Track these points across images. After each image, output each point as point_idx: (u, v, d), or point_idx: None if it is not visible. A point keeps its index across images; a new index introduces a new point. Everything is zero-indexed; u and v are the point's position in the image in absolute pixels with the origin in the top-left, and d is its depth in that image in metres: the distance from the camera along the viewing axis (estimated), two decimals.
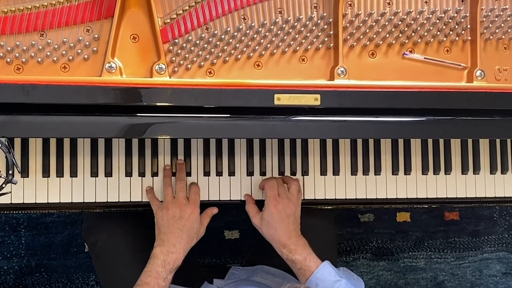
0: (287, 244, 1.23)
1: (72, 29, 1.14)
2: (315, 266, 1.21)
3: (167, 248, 1.20)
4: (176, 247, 1.20)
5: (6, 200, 1.23)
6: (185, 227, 1.22)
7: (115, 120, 1.13)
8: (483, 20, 1.26)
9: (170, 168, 1.29)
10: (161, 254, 1.19)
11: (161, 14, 1.16)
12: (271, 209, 1.25)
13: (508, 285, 2.21)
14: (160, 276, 1.17)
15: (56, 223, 1.95)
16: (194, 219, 1.24)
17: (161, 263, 1.18)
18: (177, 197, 1.25)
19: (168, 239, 1.21)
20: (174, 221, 1.22)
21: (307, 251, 1.23)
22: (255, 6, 1.19)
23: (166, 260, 1.19)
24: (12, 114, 1.10)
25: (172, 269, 1.19)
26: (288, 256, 1.23)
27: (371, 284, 2.12)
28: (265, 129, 1.18)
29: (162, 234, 1.22)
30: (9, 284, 1.93)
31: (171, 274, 1.20)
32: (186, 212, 1.23)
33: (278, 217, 1.24)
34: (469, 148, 1.41)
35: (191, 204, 1.25)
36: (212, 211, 1.31)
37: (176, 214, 1.23)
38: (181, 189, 1.26)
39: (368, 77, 1.22)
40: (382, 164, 1.37)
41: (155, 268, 1.17)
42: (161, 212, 1.24)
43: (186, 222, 1.23)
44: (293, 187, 1.29)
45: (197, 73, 1.18)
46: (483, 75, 1.25)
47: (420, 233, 2.15)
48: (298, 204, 1.28)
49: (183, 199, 1.25)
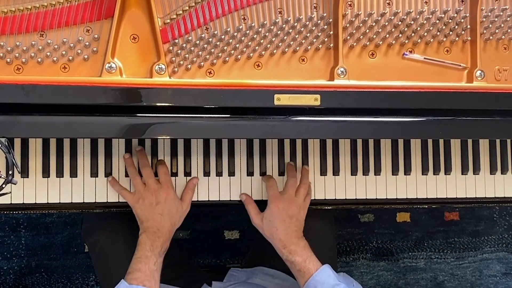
0: (287, 245, 1.23)
1: (72, 29, 1.14)
2: (314, 268, 1.20)
3: (153, 234, 1.20)
4: (161, 231, 1.21)
5: (6, 200, 1.23)
6: (164, 210, 1.22)
7: (115, 120, 1.13)
8: (483, 20, 1.26)
9: (130, 156, 1.28)
10: (148, 239, 1.19)
11: (161, 14, 1.16)
12: (273, 207, 1.25)
13: (508, 285, 2.21)
14: (150, 260, 1.17)
15: (56, 223, 1.95)
16: (171, 199, 1.24)
17: (149, 248, 1.18)
18: (147, 184, 1.24)
19: (152, 225, 1.21)
20: (152, 209, 1.22)
21: (308, 253, 1.23)
22: (255, 6, 1.19)
23: (153, 245, 1.19)
24: (12, 114, 1.10)
25: (161, 252, 1.20)
26: (288, 257, 1.23)
27: (371, 284, 2.12)
28: (265, 129, 1.18)
29: (145, 222, 1.22)
30: (9, 284, 1.93)
31: (160, 258, 1.20)
32: (161, 195, 1.23)
33: (279, 216, 1.24)
34: (469, 148, 1.41)
35: (163, 186, 1.24)
36: (192, 182, 1.29)
37: (153, 201, 1.22)
38: (149, 175, 1.25)
39: (368, 77, 1.22)
40: (382, 164, 1.37)
41: (144, 253, 1.18)
42: (137, 204, 1.23)
43: (164, 205, 1.22)
44: (302, 190, 1.28)
45: (197, 73, 1.18)
46: (483, 75, 1.25)
47: (420, 233, 2.15)
48: (303, 207, 1.28)
49: (154, 184, 1.24)
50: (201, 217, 2.01)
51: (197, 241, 2.01)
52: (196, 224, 2.00)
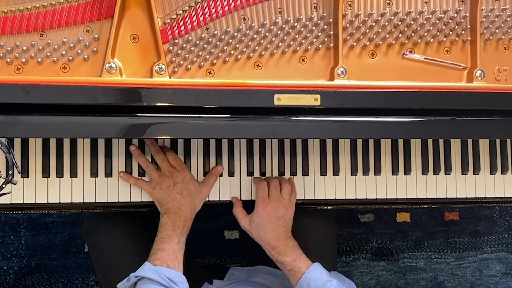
0: (276, 246, 1.23)
1: (72, 29, 1.14)
2: (305, 267, 1.21)
3: (174, 214, 1.21)
4: (182, 210, 1.21)
5: (6, 200, 1.23)
6: (183, 190, 1.23)
7: (115, 120, 1.13)
8: (483, 20, 1.26)
9: (136, 147, 1.28)
10: (169, 219, 1.20)
11: (161, 14, 1.16)
12: (260, 210, 1.25)
13: (508, 285, 2.21)
14: (173, 240, 1.17)
15: (56, 223, 1.95)
16: (189, 179, 1.25)
17: (170, 228, 1.19)
18: (162, 168, 1.25)
19: (172, 206, 1.22)
20: (171, 190, 1.23)
21: (297, 253, 1.23)
22: (255, 6, 1.19)
23: (175, 224, 1.19)
24: (12, 114, 1.10)
25: (183, 232, 1.20)
26: (278, 258, 1.23)
27: (371, 284, 2.12)
28: (265, 130, 1.18)
29: (165, 204, 1.23)
30: (9, 284, 1.93)
31: (183, 237, 1.20)
32: (178, 177, 1.24)
33: (267, 219, 1.24)
34: (469, 148, 1.41)
35: (178, 169, 1.25)
36: (217, 169, 1.30)
37: (170, 183, 1.23)
38: (162, 160, 1.26)
39: (368, 77, 1.22)
40: (382, 164, 1.37)
41: (167, 233, 1.18)
42: (155, 190, 1.24)
43: (182, 185, 1.23)
44: (285, 189, 1.28)
45: (197, 73, 1.18)
46: (483, 75, 1.25)
47: (420, 233, 2.15)
48: (289, 207, 1.28)
49: (169, 167, 1.25)
50: (201, 217, 2.00)
51: (197, 241, 2.01)
52: (196, 224, 2.00)
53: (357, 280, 2.10)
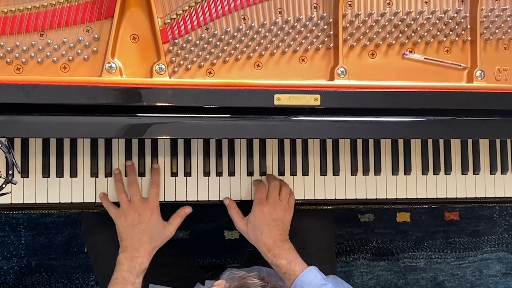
0: (272, 248, 1.23)
1: (72, 29, 1.14)
2: (300, 270, 1.20)
3: (131, 254, 1.20)
4: (140, 251, 1.20)
5: (6, 200, 1.23)
6: (146, 230, 1.21)
7: (115, 120, 1.13)
8: (483, 20, 1.26)
9: (119, 172, 1.27)
10: (126, 260, 1.19)
11: (161, 14, 1.16)
12: (257, 211, 1.24)
13: (508, 285, 2.21)
14: (128, 281, 1.17)
15: (56, 223, 1.95)
16: (155, 221, 1.23)
17: (126, 269, 1.18)
18: (132, 201, 1.23)
19: (131, 245, 1.21)
20: (134, 227, 1.21)
21: (293, 256, 1.23)
22: (255, 6, 1.19)
23: (131, 265, 1.19)
24: (12, 114, 1.10)
25: (139, 273, 1.19)
26: (273, 261, 1.23)
27: (371, 284, 2.11)
28: (265, 129, 1.18)
29: (124, 240, 1.22)
30: (9, 284, 1.93)
31: (138, 278, 1.19)
32: (145, 215, 1.22)
33: (263, 220, 1.24)
34: (469, 148, 1.41)
35: (149, 206, 1.23)
36: (184, 211, 1.29)
37: (135, 219, 1.22)
38: (135, 192, 1.24)
39: (368, 77, 1.22)
40: (382, 164, 1.37)
41: (122, 274, 1.18)
42: (119, 219, 1.23)
43: (147, 226, 1.22)
44: (284, 192, 1.28)
45: (197, 73, 1.18)
46: (483, 75, 1.25)
47: (420, 233, 2.15)
48: (287, 209, 1.27)
49: (139, 202, 1.23)
50: (201, 217, 2.01)
51: (197, 241, 2.00)
52: (196, 224, 2.00)
53: (357, 280, 2.10)
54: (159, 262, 1.26)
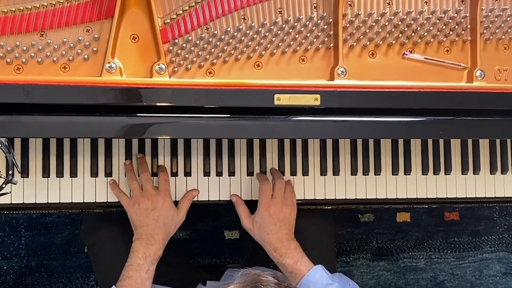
0: (278, 248, 1.23)
1: (72, 29, 1.14)
2: (306, 269, 1.20)
3: (146, 241, 1.19)
4: (155, 238, 1.20)
5: (6, 200, 1.23)
6: (160, 217, 1.21)
7: (115, 120, 1.13)
8: (483, 20, 1.26)
9: (130, 163, 1.28)
10: (141, 246, 1.19)
11: (161, 14, 1.16)
12: (263, 212, 1.24)
13: (508, 285, 2.21)
14: (142, 269, 1.17)
15: (56, 223, 1.95)
16: (168, 207, 1.23)
17: (141, 256, 1.18)
18: (145, 189, 1.24)
19: (146, 232, 1.20)
20: (148, 214, 1.21)
21: (299, 255, 1.22)
22: (255, 6, 1.19)
23: (146, 252, 1.18)
24: (12, 114, 1.10)
25: (153, 260, 1.19)
26: (279, 260, 1.23)
27: (371, 284, 2.11)
28: (265, 129, 1.18)
29: (139, 228, 1.22)
30: (9, 284, 1.93)
31: (153, 266, 1.19)
32: (158, 202, 1.22)
33: (270, 221, 1.24)
34: (469, 148, 1.41)
35: (161, 193, 1.24)
36: (191, 194, 1.29)
37: (148, 206, 1.22)
38: (147, 180, 1.25)
39: (368, 77, 1.22)
40: (382, 164, 1.37)
41: (136, 261, 1.17)
42: (132, 208, 1.23)
43: (160, 212, 1.22)
44: (289, 191, 1.28)
45: (197, 73, 1.18)
46: (483, 75, 1.25)
47: (420, 233, 2.15)
48: (293, 208, 1.27)
49: (151, 189, 1.23)
50: (201, 217, 2.01)
51: (197, 241, 2.00)
52: (196, 224, 2.00)
53: (357, 280, 2.10)
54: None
